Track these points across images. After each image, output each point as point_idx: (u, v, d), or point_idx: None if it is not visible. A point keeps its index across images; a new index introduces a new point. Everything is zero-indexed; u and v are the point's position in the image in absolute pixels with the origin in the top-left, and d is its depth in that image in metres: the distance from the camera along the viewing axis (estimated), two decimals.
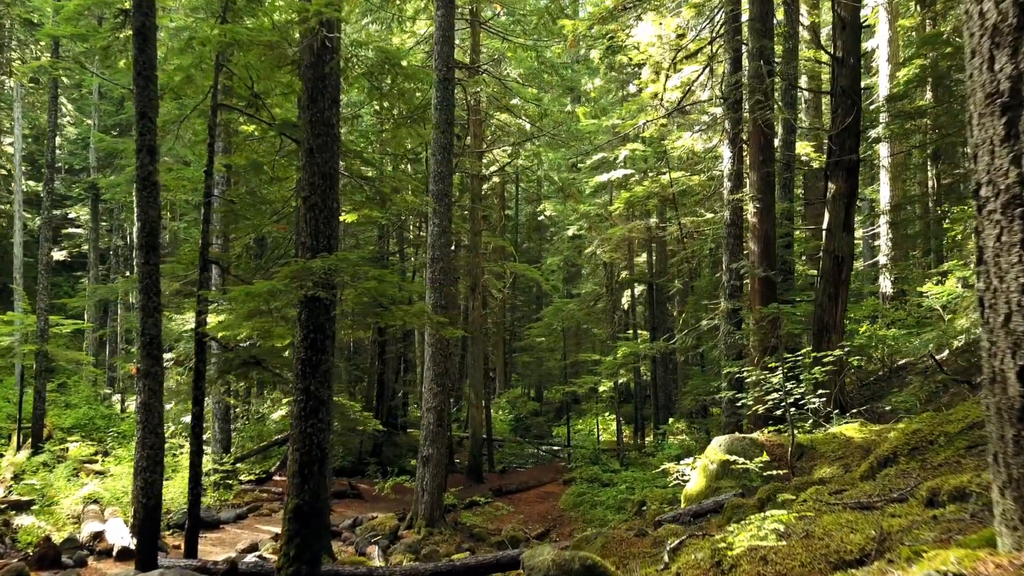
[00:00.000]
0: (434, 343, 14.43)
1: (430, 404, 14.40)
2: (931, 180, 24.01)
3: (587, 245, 26.31)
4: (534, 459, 29.14)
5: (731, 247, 13.29)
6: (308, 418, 6.86)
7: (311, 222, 7.00)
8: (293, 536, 6.67)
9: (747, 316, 12.81)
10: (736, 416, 12.38)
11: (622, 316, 30.83)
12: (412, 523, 14.40)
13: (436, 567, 8.23)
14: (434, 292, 14.52)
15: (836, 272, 12.30)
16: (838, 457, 7.81)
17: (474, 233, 21.71)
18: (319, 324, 6.94)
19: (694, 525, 7.59)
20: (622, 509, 16.29)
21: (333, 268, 6.61)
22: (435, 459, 14.32)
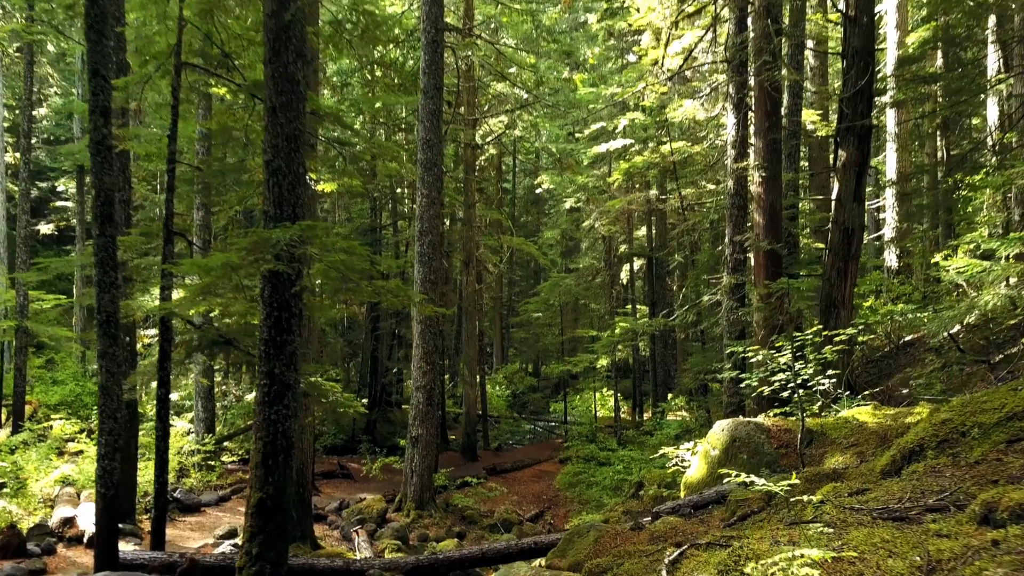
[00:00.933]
0: (423, 320, 13.82)
1: (420, 383, 13.82)
2: (940, 150, 23.26)
3: (585, 218, 25.62)
4: (531, 435, 28.70)
5: (734, 219, 12.62)
6: (272, 404, 6.25)
7: (274, 189, 6.34)
8: (256, 533, 6.09)
9: (751, 292, 12.18)
10: (738, 396, 11.80)
11: (621, 291, 30.22)
12: (401, 506, 13.89)
13: (418, 560, 7.68)
14: (423, 266, 13.88)
15: (846, 245, 11.64)
16: (851, 444, 7.21)
17: (468, 206, 21.01)
18: (284, 302, 6.30)
19: (695, 518, 7.02)
20: (619, 490, 15.80)
21: (297, 239, 5.96)
22: (425, 439, 13.77)
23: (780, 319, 9.50)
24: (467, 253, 21.17)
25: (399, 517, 13.61)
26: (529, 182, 40.41)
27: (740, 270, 12.47)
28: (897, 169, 22.73)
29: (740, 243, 12.38)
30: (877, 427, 7.40)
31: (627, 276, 28.63)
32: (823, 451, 7.43)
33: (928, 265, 22.45)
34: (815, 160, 22.96)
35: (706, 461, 8.23)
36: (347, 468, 17.95)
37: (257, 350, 6.41)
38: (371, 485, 16.46)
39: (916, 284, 22.58)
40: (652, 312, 24.41)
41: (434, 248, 13.94)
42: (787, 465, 7.53)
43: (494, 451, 23.16)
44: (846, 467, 6.53)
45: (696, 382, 17.50)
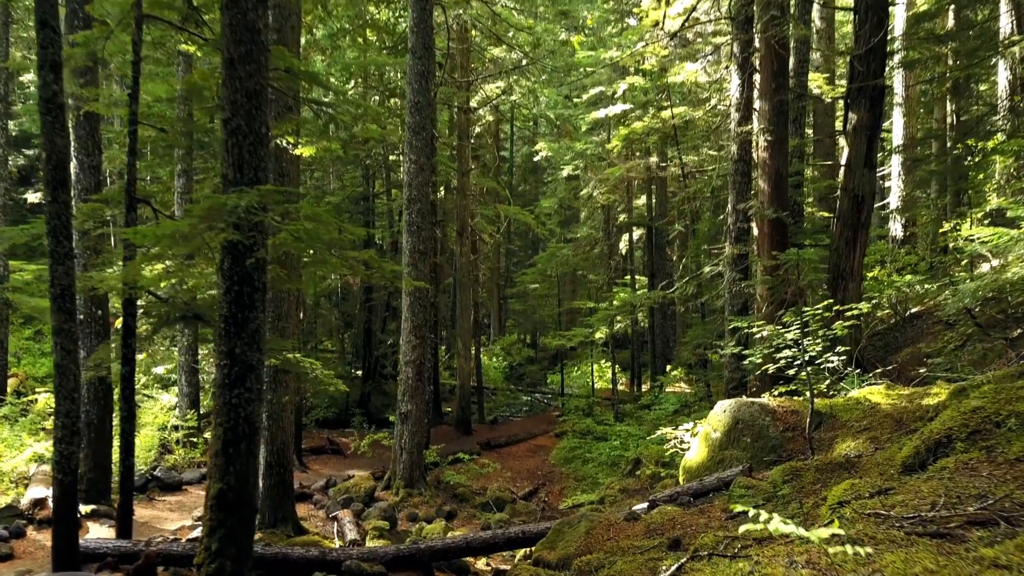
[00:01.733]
0: (412, 292, 13.25)
1: (409, 357, 13.30)
2: (949, 116, 22.51)
3: (583, 186, 24.93)
4: (528, 407, 28.30)
5: (738, 186, 11.99)
6: (233, 387, 5.71)
7: (233, 150, 5.72)
8: (216, 527, 5.59)
9: (755, 263, 11.60)
10: (740, 372, 11.28)
11: (620, 261, 29.62)
12: (390, 484, 13.46)
13: (398, 550, 7.20)
14: (412, 236, 13.28)
15: (855, 213, 11.04)
16: (863, 428, 6.68)
17: (461, 173, 20.33)
18: (245, 275, 5.72)
19: (694, 507, 6.52)
20: (615, 466, 15.38)
21: (256, 205, 5.37)
22: (414, 416, 13.28)
23: (787, 292, 8.93)
24: (461, 222, 20.54)
25: (388, 496, 13.17)
26: (527, 150, 39.62)
27: (743, 240, 11.88)
28: (904, 135, 22.02)
29: (744, 211, 11.77)
30: (891, 409, 6.87)
31: (626, 246, 28.01)
32: (833, 435, 6.91)
33: (936, 235, 21.84)
34: (820, 126, 22.24)
35: (707, 444, 7.73)
36: (337, 444, 17.52)
37: (216, 328, 5.84)
38: (361, 461, 16.03)
39: (922, 254, 22.00)
40: (651, 283, 23.85)
41: (423, 217, 13.33)
42: (793, 450, 7.02)
43: (489, 424, 22.74)
44: (859, 454, 6.00)
45: (695, 356, 16.98)
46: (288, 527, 10.26)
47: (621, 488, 13.61)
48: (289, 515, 10.40)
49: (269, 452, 10.20)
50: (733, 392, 11.59)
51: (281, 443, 10.26)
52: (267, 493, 10.22)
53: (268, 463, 10.20)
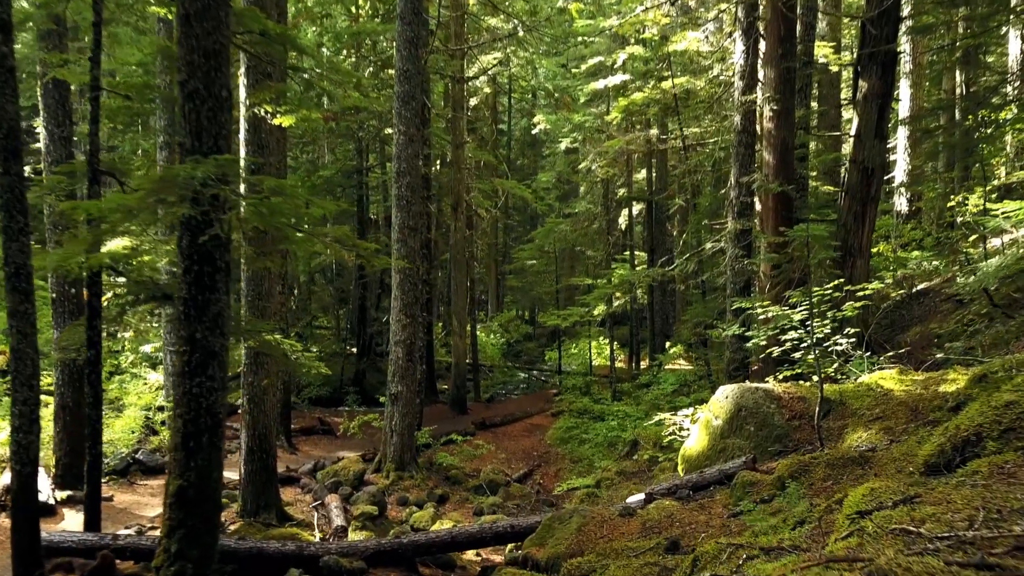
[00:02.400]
0: (402, 269, 12.76)
1: (399, 337, 12.84)
2: (959, 86, 21.86)
3: (582, 160, 24.33)
4: (525, 385, 27.94)
5: (741, 158, 11.46)
6: (194, 375, 5.24)
7: (191, 116, 5.21)
8: (176, 527, 5.16)
9: (759, 239, 11.10)
10: (742, 353, 10.83)
11: (619, 237, 29.09)
12: (380, 466, 13.07)
13: (379, 545, 6.79)
14: (401, 211, 12.76)
15: (864, 186, 10.54)
16: (876, 417, 6.24)
17: (456, 145, 19.74)
18: (205, 253, 5.23)
19: (694, 502, 6.09)
20: (613, 447, 14.99)
21: (213, 177, 4.86)
22: (405, 397, 12.86)
23: (795, 271, 8.45)
24: (456, 197, 19.99)
25: (378, 479, 12.79)
26: (526, 123, 38.90)
27: (746, 215, 11.37)
28: (911, 106, 21.39)
29: (747, 185, 11.25)
30: (905, 396, 6.42)
31: (625, 221, 27.47)
32: (843, 424, 6.46)
33: (943, 209, 21.29)
34: (825, 97, 21.62)
35: (707, 432, 7.29)
36: (328, 424, 17.13)
37: (175, 311, 5.36)
38: (352, 442, 15.65)
39: (928, 229, 21.47)
40: (651, 258, 23.35)
41: (413, 191, 12.80)
42: (800, 440, 6.58)
43: (485, 403, 22.36)
44: (873, 447, 5.56)
45: (695, 336, 16.54)
46: (271, 514, 9.87)
47: (618, 471, 13.24)
48: (272, 501, 10.01)
49: (250, 437, 9.78)
50: (734, 373, 11.16)
51: (263, 427, 9.83)
52: (249, 479, 9.82)
53: (249, 448, 9.79)
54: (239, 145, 9.74)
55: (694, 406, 8.88)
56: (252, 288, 9.65)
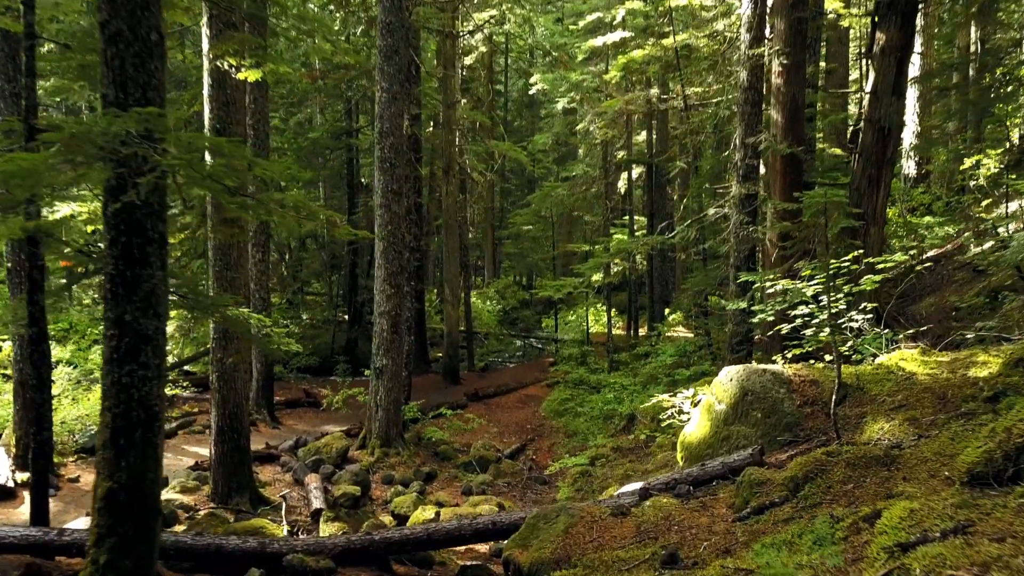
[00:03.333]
0: (386, 236, 12.05)
1: (383, 308, 12.18)
2: (974, 43, 20.90)
3: (580, 121, 23.40)
4: (521, 353, 27.39)
5: (747, 117, 10.66)
6: (124, 362, 4.58)
7: (113, 63, 4.47)
8: (105, 535, 4.54)
9: (765, 204, 10.37)
10: (746, 326, 10.16)
11: (618, 201, 28.27)
12: (365, 443, 12.51)
13: (349, 542, 6.19)
14: (384, 174, 12.00)
15: (880, 147, 9.77)
16: (899, 405, 5.59)
17: (447, 105, 18.86)
18: (135, 223, 4.53)
19: (694, 499, 5.47)
20: (609, 420, 14.42)
21: (138, 134, 4.14)
22: (390, 371, 12.24)
23: (811, 241, 7.74)
24: (448, 160, 19.17)
25: (363, 456, 12.23)
26: (523, 84, 37.79)
27: (752, 178, 10.61)
28: (922, 65, 20.46)
29: (753, 146, 10.48)
30: (931, 381, 5.77)
31: (625, 185, 26.65)
32: (861, 412, 5.82)
33: (955, 173, 20.47)
34: (833, 55, 20.68)
35: (709, 417, 6.65)
36: (314, 396, 16.54)
37: (103, 289, 4.67)
38: (338, 416, 15.07)
39: (938, 193, 20.67)
40: (651, 223, 22.59)
41: (397, 152, 12.02)
42: (813, 429, 5.94)
43: (479, 372, 21.80)
44: (899, 443, 4.91)
45: (696, 306, 15.86)
46: (244, 497, 9.31)
47: (614, 447, 12.68)
48: (246, 483, 9.43)
49: (220, 416, 9.17)
50: (737, 347, 10.51)
51: (234, 405, 9.21)
52: (219, 461, 9.23)
53: (220, 428, 9.17)
54: (203, 102, 8.97)
55: (694, 387, 8.21)
56: (219, 258, 8.95)
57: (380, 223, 12.04)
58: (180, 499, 9.16)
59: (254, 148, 14.01)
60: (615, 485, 9.90)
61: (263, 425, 13.91)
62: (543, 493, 11.60)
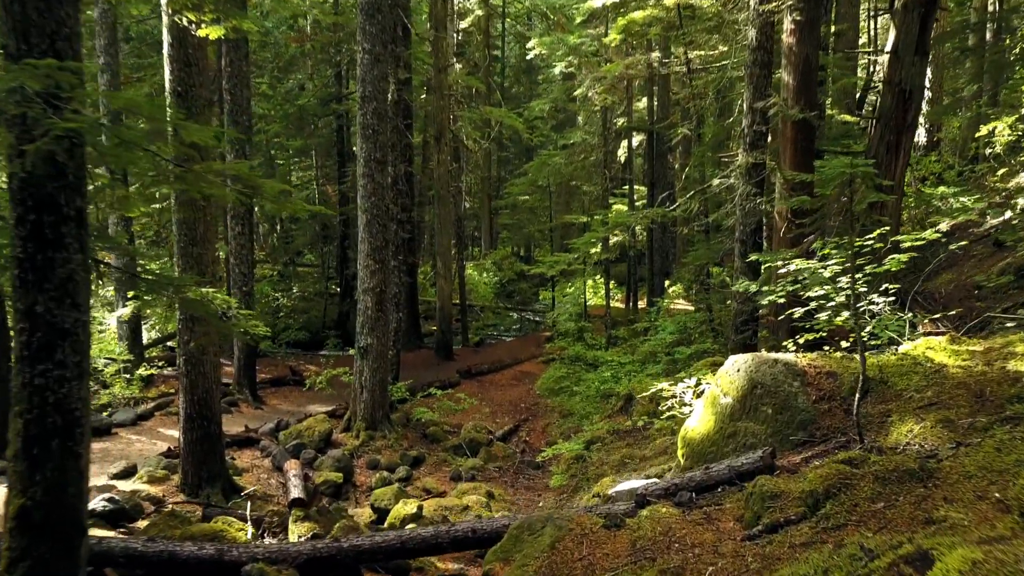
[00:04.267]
0: (370, 208, 11.36)
1: (367, 284, 11.53)
2: (992, 2, 19.97)
3: (578, 86, 22.51)
4: (517, 327, 26.80)
5: (756, 80, 9.88)
6: (37, 360, 3.95)
7: (13, 6, 3.76)
8: (18, 559, 3.94)
9: (774, 174, 9.67)
10: (751, 304, 9.49)
11: (618, 169, 27.45)
12: (350, 425, 11.93)
13: (315, 550, 5.61)
14: (367, 141, 11.27)
15: (900, 112, 9.06)
16: (929, 403, 4.95)
17: (438, 70, 18.00)
18: (46, 198, 3.87)
19: (697, 509, 4.86)
20: (607, 399, 13.84)
21: (45, 91, 3.45)
22: (376, 350, 11.62)
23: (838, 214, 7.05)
24: (439, 126, 18.37)
25: (347, 439, 11.66)
26: (521, 49, 36.75)
27: (760, 146, 9.88)
28: (935, 26, 19.54)
29: (762, 111, 9.73)
30: (964, 375, 5.13)
31: (624, 154, 25.81)
32: (885, 410, 5.18)
33: (968, 141, 19.66)
34: (843, 16, 19.75)
35: (714, 410, 6.02)
36: (300, 374, 15.94)
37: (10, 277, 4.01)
38: (324, 395, 14.49)
39: (951, 162, 19.88)
40: (651, 193, 21.84)
41: (381, 118, 11.28)
42: (831, 428, 5.31)
43: (474, 347, 21.22)
44: (933, 451, 4.28)
45: (697, 280, 15.20)
46: (216, 487, 8.74)
47: (611, 429, 12.11)
48: (218, 472, 8.85)
49: (189, 402, 8.56)
50: (742, 327, 9.87)
51: (203, 391, 8.59)
52: (189, 450, 8.64)
53: (188, 415, 8.57)
54: (164, 62, 8.22)
55: (697, 376, 7.55)
56: (184, 233, 8.27)
57: (363, 194, 11.33)
58: (147, 490, 8.59)
59: (231, 115, 13.25)
60: (611, 475, 9.34)
61: (245, 405, 13.34)
62: (535, 479, 11.06)
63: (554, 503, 9.86)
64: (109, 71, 13.19)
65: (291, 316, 23.10)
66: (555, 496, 10.09)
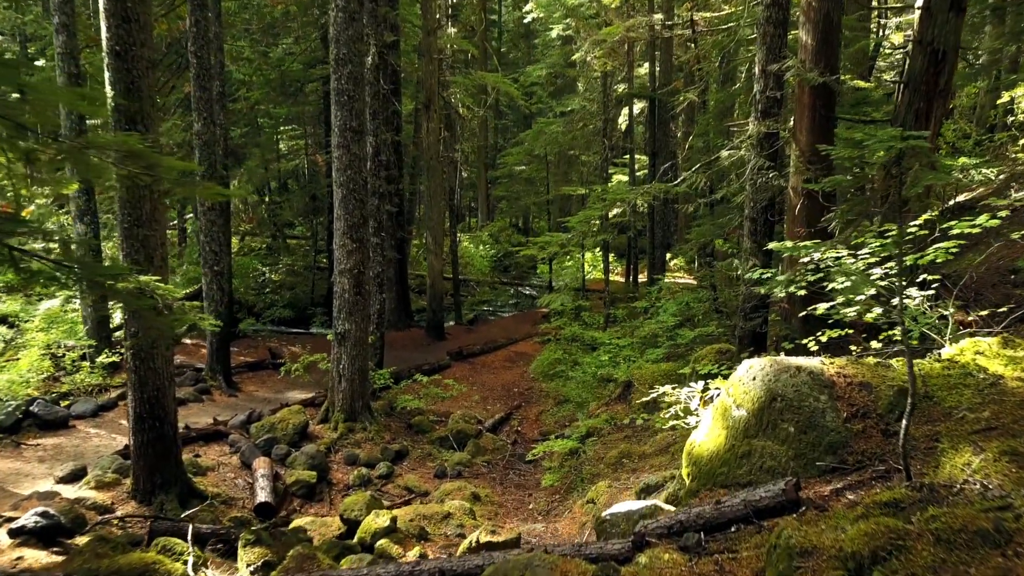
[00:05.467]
0: (346, 182, 10.42)
1: (344, 265, 10.64)
2: None
3: (577, 51, 21.39)
4: (514, 302, 25.97)
5: (770, 40, 8.89)
6: None
7: None
8: None
9: (789, 146, 8.73)
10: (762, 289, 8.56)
11: (618, 138, 26.38)
12: (328, 416, 11.12)
13: None
14: (342, 109, 10.29)
15: (932, 75, 8.07)
16: (987, 426, 4.09)
17: (427, 32, 16.92)
18: None
19: (706, 556, 4.02)
20: (604, 384, 13.02)
21: None
22: (354, 336, 10.77)
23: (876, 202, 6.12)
24: (428, 93, 17.32)
25: (325, 431, 10.86)
26: (519, 13, 35.41)
27: (773, 113, 8.91)
28: None
29: (778, 74, 8.75)
30: None
31: (625, 122, 24.74)
32: (932, 431, 4.32)
33: (987, 108, 18.65)
34: None
35: (725, 424, 5.16)
36: (280, 356, 15.08)
37: None
38: (304, 380, 13.64)
39: (968, 130, 18.86)
40: (652, 163, 20.84)
41: (357, 83, 10.29)
42: (866, 453, 4.45)
43: (467, 325, 20.38)
44: (1005, 498, 3.42)
45: (701, 257, 14.29)
46: (172, 493, 7.95)
47: (608, 418, 11.30)
48: (173, 476, 8.05)
49: (138, 401, 7.72)
50: (752, 314, 9.00)
51: (154, 388, 7.75)
52: (139, 453, 7.82)
53: (138, 415, 7.74)
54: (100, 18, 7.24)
55: (704, 381, 6.63)
56: (128, 214, 7.35)
57: (338, 167, 10.40)
58: (94, 497, 7.79)
59: (197, 80, 12.24)
60: (607, 478, 8.54)
61: (218, 393, 12.53)
62: (527, 475, 10.28)
63: (545, 505, 9.08)
64: (65, 32, 12.14)
65: (278, 292, 22.22)
66: (546, 497, 9.31)
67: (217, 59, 15.30)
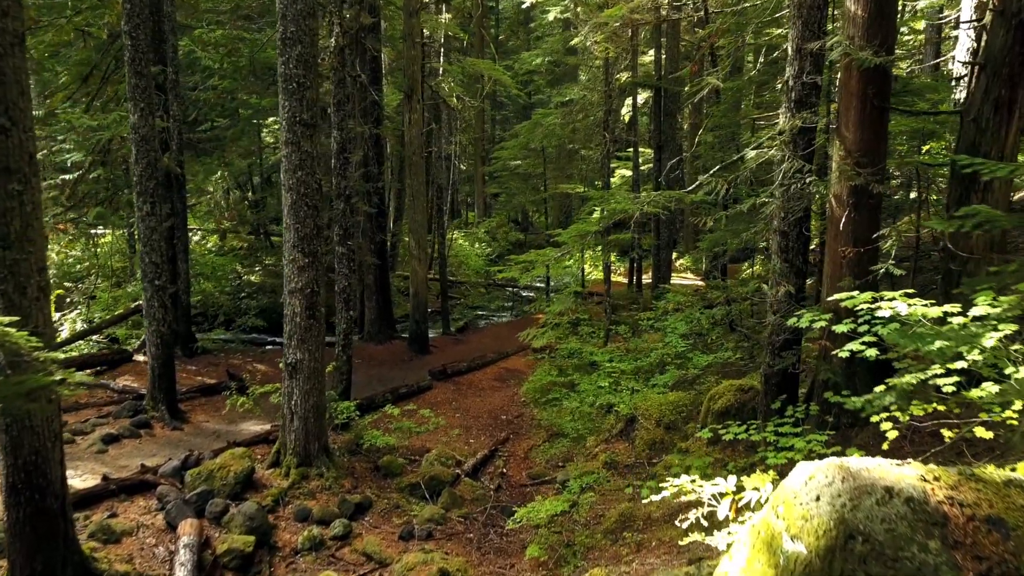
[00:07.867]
0: (296, 185, 8.76)
1: (294, 284, 8.99)
2: None
3: (576, 36, 19.65)
4: (510, 304, 24.34)
5: (807, 12, 7.19)
6: None
7: None
8: None
9: (832, 143, 7.05)
10: (794, 332, 6.77)
11: (622, 130, 24.65)
12: (279, 459, 9.49)
13: None
14: (290, 97, 8.62)
15: (1017, 56, 6.39)
16: None
17: (408, 14, 15.21)
18: None
19: None
20: (606, 414, 11.38)
21: None
22: (307, 367, 9.14)
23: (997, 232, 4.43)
24: (411, 81, 15.62)
25: (274, 478, 9.23)
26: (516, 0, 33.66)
27: (811, 104, 7.22)
28: None
29: (816, 55, 7.06)
30: None
31: (629, 113, 23.01)
32: None
33: None
34: None
35: (772, 562, 3.48)
36: (240, 378, 13.39)
37: None
38: (265, 407, 11.96)
39: None
40: (658, 157, 19.18)
41: (307, 68, 8.61)
42: None
43: (456, 336, 18.71)
44: None
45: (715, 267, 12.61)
46: None
47: (608, 460, 9.69)
48: (61, 558, 6.44)
49: (12, 469, 6.10)
50: (781, 351, 7.33)
51: (32, 452, 6.13)
52: (14, 533, 6.20)
53: (11, 485, 6.12)
54: None
55: (736, 483, 4.86)
56: None
57: (286, 167, 8.74)
58: None
59: (133, 64, 10.57)
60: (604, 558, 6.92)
61: (159, 426, 10.91)
62: (510, 537, 8.62)
63: None
64: None
65: (255, 296, 20.58)
66: (531, 571, 7.68)
67: (171, 42, 13.66)
